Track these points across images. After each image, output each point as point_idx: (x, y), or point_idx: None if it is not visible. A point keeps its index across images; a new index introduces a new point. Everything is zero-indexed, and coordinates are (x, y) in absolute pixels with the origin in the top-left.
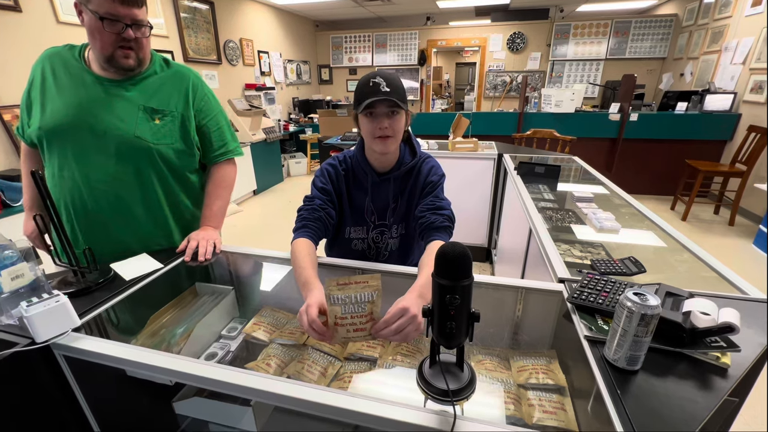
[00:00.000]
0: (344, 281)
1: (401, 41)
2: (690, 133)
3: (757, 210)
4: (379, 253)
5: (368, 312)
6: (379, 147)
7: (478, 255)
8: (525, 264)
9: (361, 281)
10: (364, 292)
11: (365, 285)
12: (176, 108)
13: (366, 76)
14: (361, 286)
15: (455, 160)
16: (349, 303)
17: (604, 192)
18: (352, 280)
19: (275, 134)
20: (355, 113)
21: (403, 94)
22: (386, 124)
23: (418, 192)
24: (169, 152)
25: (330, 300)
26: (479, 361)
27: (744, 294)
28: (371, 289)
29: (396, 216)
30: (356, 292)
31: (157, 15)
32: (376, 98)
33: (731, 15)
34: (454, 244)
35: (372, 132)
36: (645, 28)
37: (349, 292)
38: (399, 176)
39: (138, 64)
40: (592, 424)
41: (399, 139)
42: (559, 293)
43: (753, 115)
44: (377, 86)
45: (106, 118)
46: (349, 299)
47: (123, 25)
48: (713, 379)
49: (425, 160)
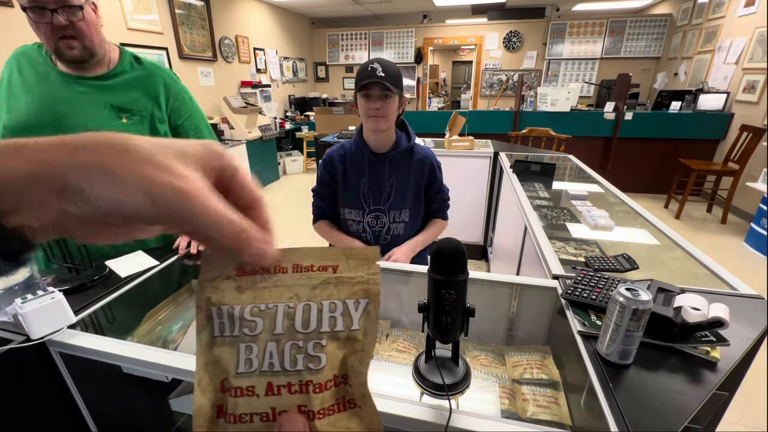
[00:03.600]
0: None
1: (398, 39)
2: (683, 132)
3: (748, 208)
4: (378, 237)
5: (328, 374)
6: (371, 124)
7: (474, 253)
8: (520, 261)
9: (329, 260)
10: (333, 299)
11: (340, 272)
12: (145, 108)
13: (366, 62)
14: (323, 275)
15: (451, 158)
16: (267, 333)
17: (599, 190)
18: (295, 256)
19: (271, 132)
20: (354, 94)
21: (397, 80)
22: (378, 105)
23: (419, 183)
24: None
25: (209, 317)
26: (474, 356)
27: (734, 290)
28: (356, 288)
29: (392, 202)
30: (304, 292)
31: (151, 11)
32: (370, 80)
33: (725, 15)
34: (449, 240)
35: (366, 111)
36: (640, 27)
37: (273, 297)
38: (395, 156)
39: (89, 54)
40: (585, 417)
41: (391, 121)
42: (553, 289)
43: (745, 114)
44: (374, 71)
45: (71, 116)
46: (270, 317)
47: (49, 12)
48: (703, 373)
49: (421, 153)
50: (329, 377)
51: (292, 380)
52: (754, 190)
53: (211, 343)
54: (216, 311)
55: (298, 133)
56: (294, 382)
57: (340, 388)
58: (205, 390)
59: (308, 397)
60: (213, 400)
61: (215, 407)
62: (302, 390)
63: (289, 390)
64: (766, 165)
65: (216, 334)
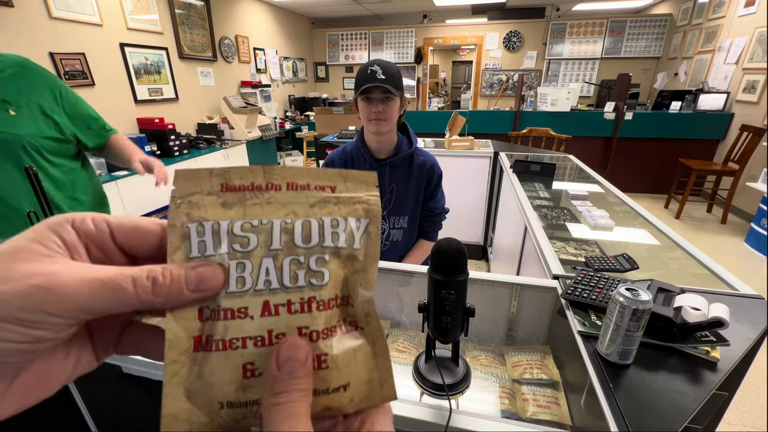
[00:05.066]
0: (248, 174)
1: (398, 39)
2: (683, 133)
3: (748, 208)
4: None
5: (331, 293)
6: (373, 128)
7: (474, 253)
8: (520, 261)
9: (325, 180)
10: (334, 216)
11: (339, 192)
12: (29, 98)
13: (365, 63)
14: (321, 194)
15: (451, 158)
16: (262, 249)
17: (599, 190)
18: (288, 174)
19: (271, 132)
20: (354, 97)
21: (397, 82)
22: (380, 108)
23: (419, 189)
24: (42, 142)
25: (185, 236)
26: (474, 356)
27: (734, 290)
28: (356, 207)
29: (392, 208)
30: (301, 209)
31: (151, 11)
32: (371, 84)
33: (725, 15)
34: (450, 240)
35: (367, 115)
36: (640, 27)
37: (267, 213)
38: (396, 163)
39: None
40: (585, 417)
41: (392, 123)
42: (553, 289)
43: (745, 114)
44: (374, 74)
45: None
46: (265, 233)
47: None
48: (703, 373)
49: (422, 157)
50: (332, 296)
51: (292, 298)
52: (754, 190)
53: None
54: (196, 228)
55: (298, 133)
56: (294, 300)
57: (341, 309)
58: (179, 317)
59: (311, 316)
60: (190, 329)
61: (192, 339)
62: (303, 309)
63: (289, 309)
64: (766, 165)
65: (194, 255)
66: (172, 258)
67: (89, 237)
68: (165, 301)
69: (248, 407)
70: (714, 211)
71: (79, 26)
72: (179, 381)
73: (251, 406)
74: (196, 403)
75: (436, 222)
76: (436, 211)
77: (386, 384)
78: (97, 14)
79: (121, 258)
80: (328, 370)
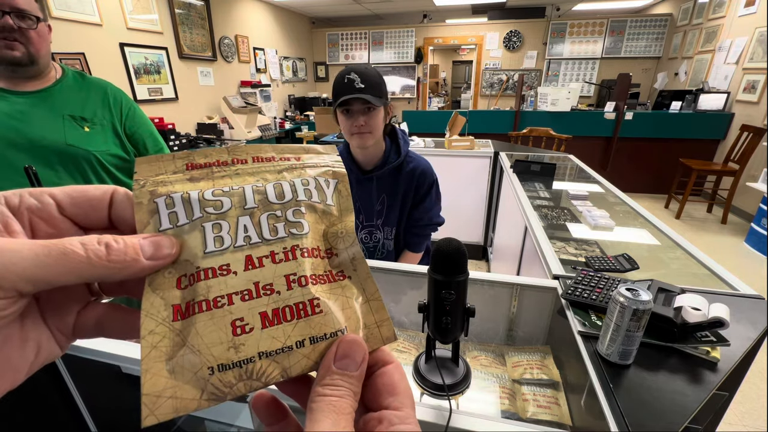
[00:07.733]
0: (212, 153)
1: (398, 39)
2: (684, 132)
3: (749, 208)
4: (373, 253)
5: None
6: (356, 142)
7: (474, 253)
8: (520, 261)
9: (288, 153)
10: (303, 177)
11: (304, 160)
12: (104, 117)
13: (341, 71)
14: (287, 163)
15: (451, 158)
16: (237, 209)
17: (599, 190)
18: (252, 149)
19: (271, 132)
20: (333, 109)
21: (379, 89)
22: (362, 121)
23: (407, 198)
24: (110, 159)
25: (153, 211)
26: (475, 356)
27: (734, 290)
28: (323, 170)
29: (384, 218)
30: (270, 176)
31: (151, 11)
32: (350, 96)
33: (725, 15)
34: (450, 240)
35: (349, 129)
36: (640, 27)
37: (236, 182)
38: (383, 175)
39: (30, 61)
40: (586, 417)
41: (377, 135)
42: (553, 290)
43: (746, 114)
44: (351, 83)
45: (24, 129)
46: (237, 195)
47: (0, 12)
48: (703, 373)
49: (412, 163)
50: (315, 246)
51: (275, 248)
52: (755, 190)
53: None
54: (164, 201)
55: (298, 132)
56: (278, 250)
57: (327, 260)
58: (156, 287)
59: (296, 262)
60: (168, 298)
61: (171, 307)
62: (288, 257)
63: (273, 260)
64: (766, 165)
65: (165, 227)
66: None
67: (32, 211)
68: (122, 268)
69: (243, 367)
70: (714, 211)
71: (78, 26)
72: (159, 354)
73: (246, 364)
74: (181, 376)
75: (420, 234)
76: (421, 222)
77: (383, 326)
78: (96, 14)
79: (74, 230)
80: (323, 315)
